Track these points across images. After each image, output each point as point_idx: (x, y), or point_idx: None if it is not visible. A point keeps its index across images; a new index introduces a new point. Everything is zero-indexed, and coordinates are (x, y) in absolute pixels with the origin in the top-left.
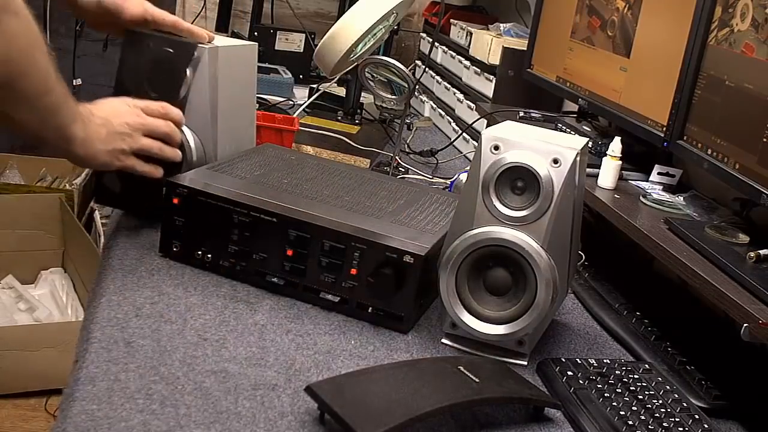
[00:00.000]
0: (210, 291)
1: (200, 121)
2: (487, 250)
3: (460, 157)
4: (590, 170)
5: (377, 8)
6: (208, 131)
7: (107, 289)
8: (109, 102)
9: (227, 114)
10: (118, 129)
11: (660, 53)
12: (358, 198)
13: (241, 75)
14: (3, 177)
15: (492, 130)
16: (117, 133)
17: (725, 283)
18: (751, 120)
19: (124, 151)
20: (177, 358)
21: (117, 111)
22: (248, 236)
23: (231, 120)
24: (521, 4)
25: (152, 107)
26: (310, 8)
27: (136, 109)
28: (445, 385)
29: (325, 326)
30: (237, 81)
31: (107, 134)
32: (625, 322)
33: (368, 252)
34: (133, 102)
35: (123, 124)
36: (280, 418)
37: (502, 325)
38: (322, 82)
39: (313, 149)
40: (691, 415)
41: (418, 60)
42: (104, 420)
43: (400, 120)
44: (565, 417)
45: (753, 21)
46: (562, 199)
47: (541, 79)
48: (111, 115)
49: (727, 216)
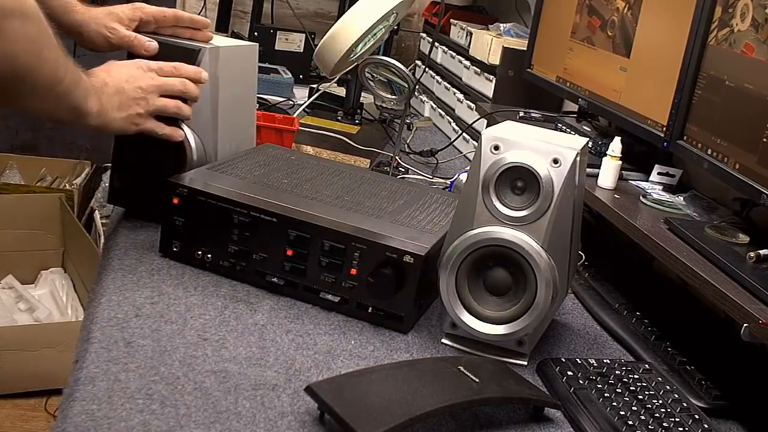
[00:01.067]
0: (210, 291)
1: (201, 120)
2: (487, 250)
3: (460, 157)
4: (590, 170)
5: (377, 8)
6: (209, 131)
7: (107, 289)
8: (122, 66)
9: (228, 114)
10: (132, 94)
11: (660, 53)
12: (358, 198)
13: (242, 75)
14: (3, 177)
15: (492, 130)
16: (132, 98)
17: (725, 283)
18: (751, 120)
19: (141, 115)
20: (177, 358)
21: (130, 75)
22: (248, 236)
23: (231, 120)
24: (521, 4)
25: (165, 68)
26: (310, 8)
27: (150, 71)
28: (445, 385)
29: (325, 326)
30: (237, 81)
31: (122, 101)
32: (625, 322)
33: (368, 252)
34: (146, 64)
35: (137, 88)
36: (280, 418)
37: (502, 325)
38: (322, 82)
39: (313, 149)
40: (691, 415)
41: (418, 60)
42: (104, 420)
43: (400, 120)
44: (565, 417)
45: (753, 21)
46: (562, 199)
47: (541, 79)
48: (124, 80)
49: (727, 216)
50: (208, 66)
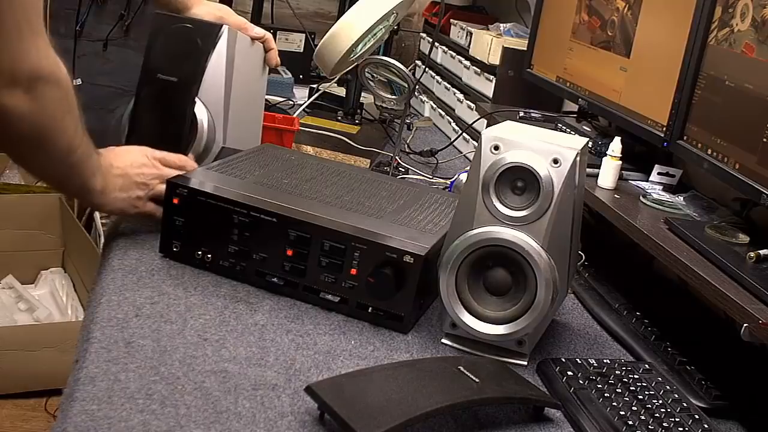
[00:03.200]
0: (210, 291)
1: (214, 97)
2: (487, 250)
3: (460, 157)
4: (590, 170)
5: (377, 8)
6: (220, 110)
7: (107, 289)
8: (128, 151)
9: (239, 100)
10: (135, 179)
11: (660, 53)
12: (358, 198)
13: (254, 69)
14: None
15: (492, 130)
16: (134, 182)
17: (725, 283)
18: (751, 120)
19: (141, 198)
20: (177, 358)
21: (135, 161)
22: (248, 236)
23: (241, 108)
24: (521, 4)
25: (169, 158)
26: (310, 8)
27: (154, 160)
28: (445, 385)
29: (325, 326)
30: (250, 72)
31: (125, 183)
32: (625, 322)
33: (368, 252)
34: (151, 153)
35: (140, 174)
36: (280, 418)
37: (502, 325)
38: (322, 82)
39: (313, 149)
40: (691, 415)
41: (418, 60)
42: (104, 420)
43: (400, 120)
44: (565, 417)
45: (753, 21)
46: (562, 199)
47: (541, 79)
48: (129, 165)
49: (727, 216)
50: (226, 44)
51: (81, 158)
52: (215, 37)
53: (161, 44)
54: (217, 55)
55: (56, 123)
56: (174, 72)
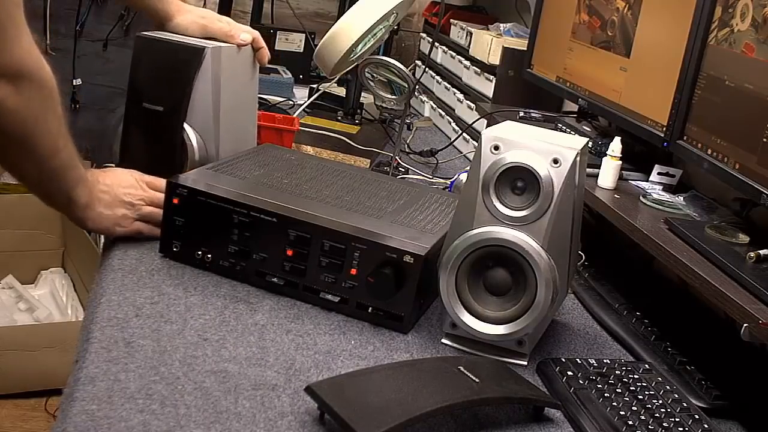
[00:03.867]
0: (210, 291)
1: (202, 119)
2: (487, 250)
3: (460, 157)
4: (590, 170)
5: (377, 8)
6: (210, 130)
7: (107, 289)
8: (118, 172)
9: (229, 113)
10: (122, 197)
11: (660, 53)
12: (358, 198)
13: (243, 75)
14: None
15: (492, 130)
16: (120, 201)
17: (725, 283)
18: (751, 120)
19: (127, 217)
20: (177, 358)
21: (124, 181)
22: (248, 236)
23: (233, 119)
24: (521, 4)
25: (157, 183)
26: (310, 8)
27: (142, 183)
28: (445, 385)
29: (325, 326)
30: (239, 81)
31: (111, 200)
32: (625, 322)
33: (368, 252)
34: (139, 176)
35: (127, 194)
36: (280, 418)
37: (502, 325)
38: (322, 82)
39: (313, 149)
40: (691, 415)
41: (418, 60)
42: (104, 420)
43: (400, 120)
44: (565, 417)
45: (753, 21)
46: (562, 199)
47: (541, 79)
48: (117, 184)
49: (727, 216)
50: (211, 64)
51: (65, 163)
52: (198, 62)
53: (145, 69)
54: (202, 80)
55: (39, 122)
56: (159, 101)
